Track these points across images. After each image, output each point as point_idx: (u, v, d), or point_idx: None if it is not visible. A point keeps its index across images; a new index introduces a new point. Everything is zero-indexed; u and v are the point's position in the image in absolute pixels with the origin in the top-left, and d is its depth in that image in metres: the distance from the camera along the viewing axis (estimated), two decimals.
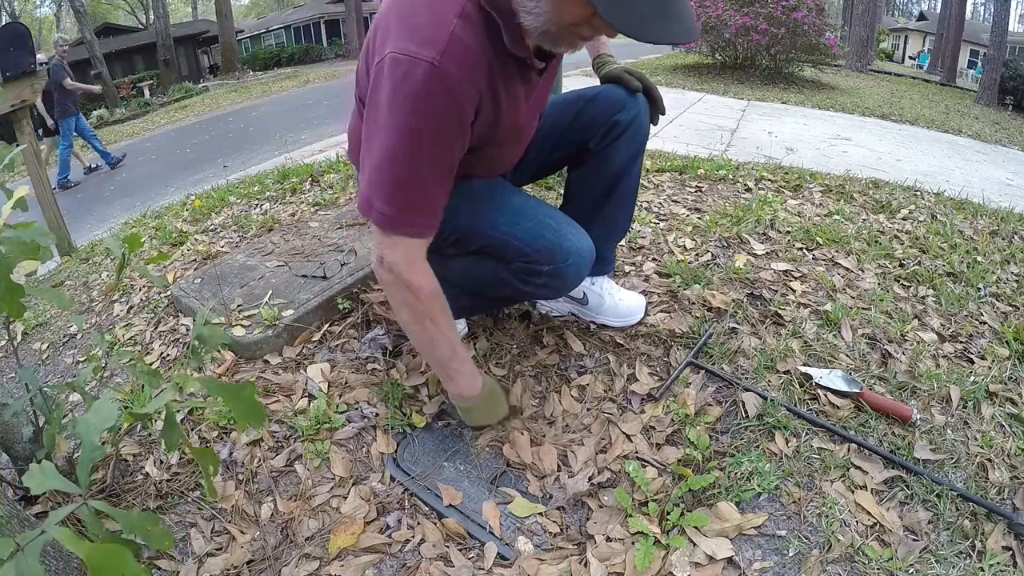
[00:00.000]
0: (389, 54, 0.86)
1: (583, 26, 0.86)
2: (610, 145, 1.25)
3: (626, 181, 1.30)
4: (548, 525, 1.04)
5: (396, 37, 0.87)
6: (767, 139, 4.43)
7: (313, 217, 2.10)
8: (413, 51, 0.84)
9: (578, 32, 0.88)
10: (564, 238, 1.12)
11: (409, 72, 0.84)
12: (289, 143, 5.73)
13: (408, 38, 0.85)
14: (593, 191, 1.32)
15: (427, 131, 0.89)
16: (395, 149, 0.90)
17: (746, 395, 1.24)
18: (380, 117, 0.90)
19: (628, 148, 1.26)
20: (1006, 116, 10.04)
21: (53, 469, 0.64)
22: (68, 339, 1.72)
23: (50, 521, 0.60)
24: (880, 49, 22.73)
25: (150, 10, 23.22)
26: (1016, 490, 1.05)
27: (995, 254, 1.91)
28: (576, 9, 0.83)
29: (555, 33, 0.88)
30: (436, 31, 0.85)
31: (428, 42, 0.84)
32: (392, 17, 0.89)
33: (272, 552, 1.00)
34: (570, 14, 0.84)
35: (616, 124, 1.23)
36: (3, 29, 2.64)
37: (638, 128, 1.25)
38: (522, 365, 1.38)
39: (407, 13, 0.88)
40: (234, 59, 19.11)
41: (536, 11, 0.85)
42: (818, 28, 8.51)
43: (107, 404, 0.74)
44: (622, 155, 1.26)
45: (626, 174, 1.29)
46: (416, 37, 0.85)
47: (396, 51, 0.85)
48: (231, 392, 0.79)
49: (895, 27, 32.45)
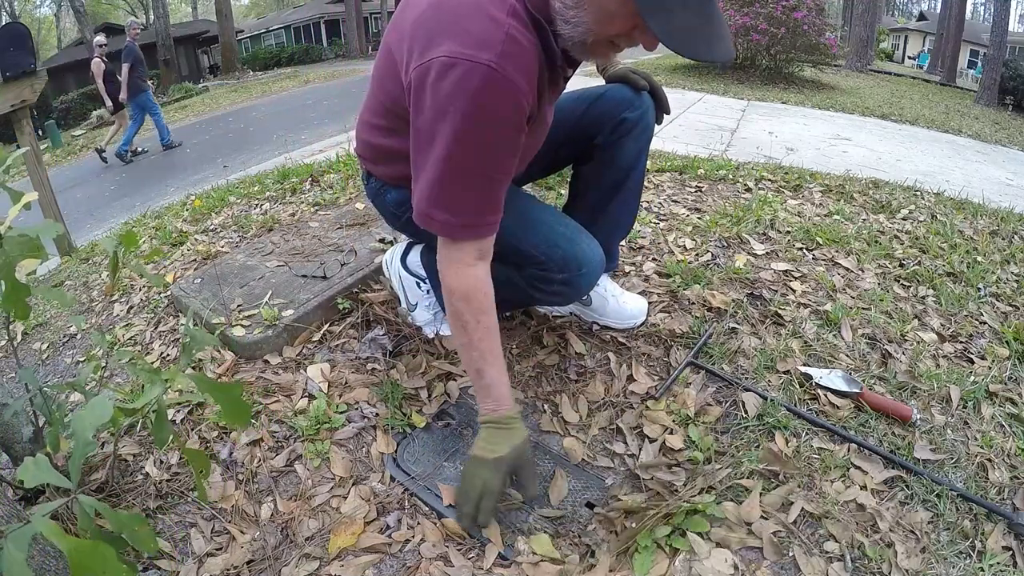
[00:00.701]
0: (438, 59, 0.83)
1: (621, 38, 0.86)
2: (617, 141, 1.26)
3: (633, 176, 1.31)
4: (549, 526, 1.04)
5: (443, 41, 0.83)
6: (767, 139, 4.43)
7: (313, 217, 2.10)
8: (468, 54, 0.81)
9: (615, 44, 0.88)
10: (578, 247, 1.13)
11: (466, 75, 0.81)
12: (289, 143, 5.73)
13: (459, 41, 0.82)
14: (600, 186, 1.33)
15: (489, 134, 0.87)
16: (456, 156, 0.87)
17: (746, 395, 1.24)
18: (433, 124, 0.87)
19: (635, 144, 1.26)
20: (1006, 116, 10.04)
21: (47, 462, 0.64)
22: (68, 339, 1.72)
23: (37, 513, 0.60)
24: (880, 49, 22.72)
25: (150, 10, 23.21)
26: (1016, 490, 1.05)
27: (995, 254, 1.91)
28: (620, 21, 0.82)
29: (591, 43, 0.87)
30: (490, 33, 0.83)
31: (483, 44, 0.82)
32: (431, 22, 0.86)
33: (272, 552, 1.00)
34: (613, 26, 0.84)
35: (624, 121, 1.24)
36: (3, 29, 2.63)
37: (646, 126, 1.26)
38: (522, 365, 1.38)
39: (451, 17, 0.85)
40: (234, 59, 19.11)
41: (575, 20, 0.85)
42: (818, 28, 8.52)
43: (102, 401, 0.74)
44: (630, 151, 1.27)
45: (633, 170, 1.29)
46: (468, 40, 0.82)
47: (448, 55, 0.82)
48: (219, 390, 0.78)
49: (895, 27, 32.45)
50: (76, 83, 18.64)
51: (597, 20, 0.84)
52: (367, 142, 1.18)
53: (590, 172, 1.34)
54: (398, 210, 1.22)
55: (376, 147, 1.16)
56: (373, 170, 1.21)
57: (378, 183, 1.22)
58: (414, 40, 0.88)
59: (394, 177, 1.18)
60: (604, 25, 0.84)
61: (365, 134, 1.17)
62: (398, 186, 1.19)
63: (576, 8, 0.84)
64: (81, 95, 17.31)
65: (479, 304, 0.99)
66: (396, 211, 1.23)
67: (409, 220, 1.23)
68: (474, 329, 0.99)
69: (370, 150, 1.18)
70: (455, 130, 0.85)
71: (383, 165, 1.18)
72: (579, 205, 1.39)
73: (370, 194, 1.27)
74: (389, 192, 1.21)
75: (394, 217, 1.26)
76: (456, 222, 0.94)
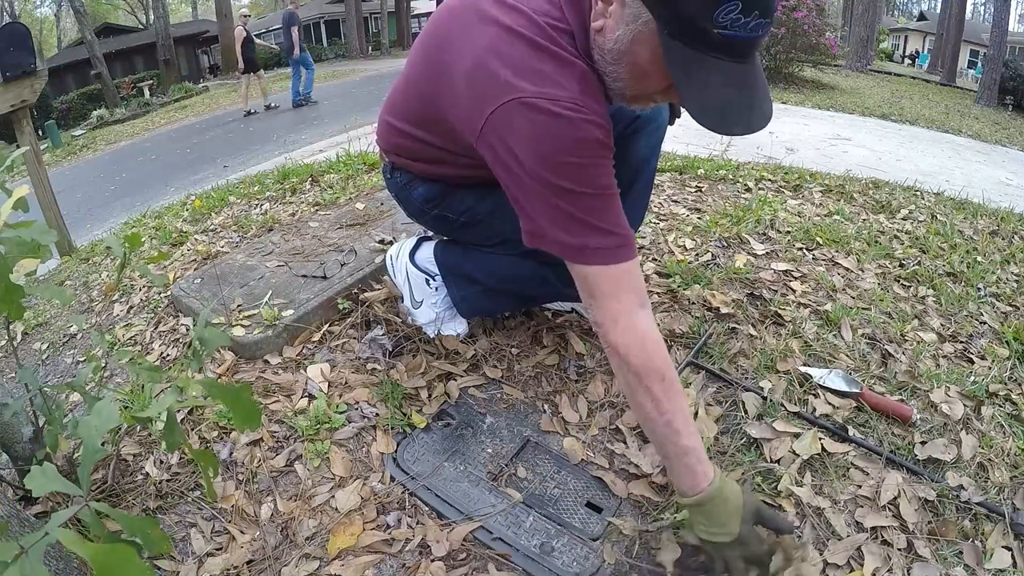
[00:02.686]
0: (516, 100, 0.82)
1: (658, 95, 0.88)
2: (631, 137, 1.25)
3: (645, 172, 1.30)
4: (550, 526, 1.04)
5: (518, 82, 0.82)
6: (767, 139, 4.42)
7: (313, 217, 2.10)
8: (550, 94, 0.81)
9: (652, 99, 0.90)
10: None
11: (554, 113, 0.81)
12: (289, 143, 5.73)
13: (535, 82, 0.82)
14: None
15: (588, 166, 0.85)
16: (578, 191, 0.85)
17: (746, 395, 1.24)
18: (539, 168, 0.84)
19: (648, 141, 1.26)
20: (1006, 116, 10.04)
21: (54, 471, 0.64)
22: (68, 339, 1.72)
23: (53, 523, 0.60)
24: (880, 49, 22.72)
25: (150, 10, 23.22)
26: (1016, 490, 1.05)
27: (995, 254, 1.91)
28: (653, 83, 0.84)
29: (631, 96, 0.89)
30: (565, 74, 0.83)
31: (561, 84, 0.82)
32: (499, 58, 0.85)
33: (272, 552, 1.00)
34: (648, 85, 0.85)
35: (637, 118, 1.23)
36: (3, 29, 2.63)
37: (660, 124, 1.27)
38: (522, 365, 1.38)
39: (521, 55, 0.84)
40: (234, 59, 19.09)
41: (614, 75, 0.86)
42: (818, 28, 8.53)
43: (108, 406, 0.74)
44: (643, 147, 1.26)
45: (645, 165, 1.29)
46: (545, 80, 0.82)
47: (527, 96, 0.82)
48: (230, 394, 0.79)
49: (895, 27, 32.45)
50: (76, 83, 18.65)
51: (633, 77, 0.84)
52: (398, 144, 1.17)
53: None
54: (426, 205, 1.22)
55: (408, 149, 1.15)
56: (401, 164, 1.21)
57: (406, 177, 1.22)
58: (479, 79, 0.87)
59: (428, 174, 1.18)
60: (640, 82, 0.85)
61: (394, 137, 1.16)
62: (428, 181, 1.18)
63: (615, 64, 0.84)
64: (81, 95, 17.32)
65: (660, 361, 0.86)
66: (423, 206, 1.23)
67: (437, 216, 1.24)
68: (663, 395, 0.85)
69: (400, 149, 1.17)
70: (559, 164, 0.84)
71: (415, 163, 1.18)
72: None
73: (393, 188, 1.26)
74: (417, 187, 1.21)
75: (419, 212, 1.26)
76: (610, 243, 0.87)
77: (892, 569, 0.92)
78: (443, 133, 1.03)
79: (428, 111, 1.03)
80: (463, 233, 1.27)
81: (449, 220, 1.23)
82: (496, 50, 0.86)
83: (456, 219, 1.21)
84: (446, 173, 1.16)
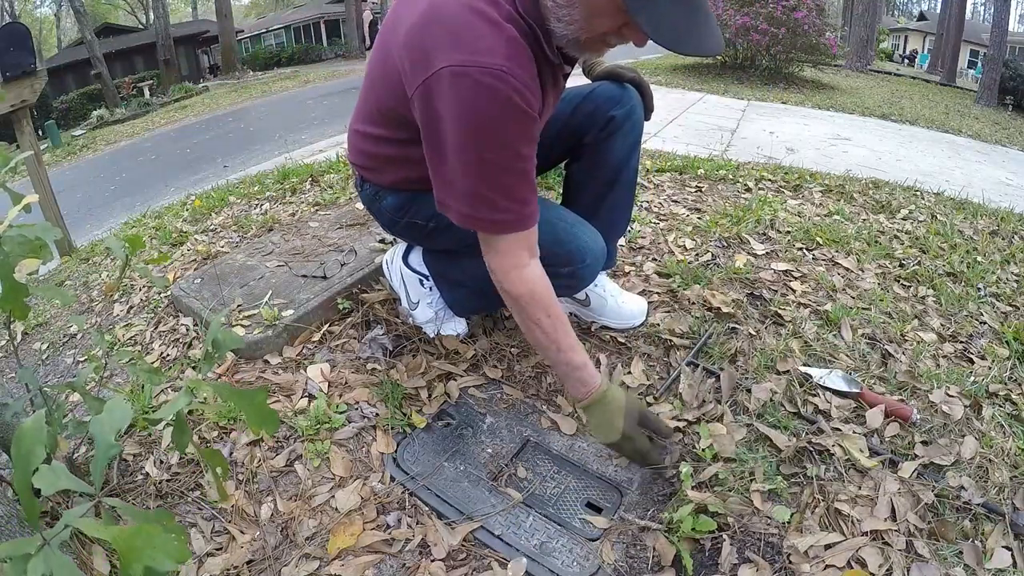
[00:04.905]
0: (447, 68, 0.83)
1: (612, 35, 0.88)
2: (607, 139, 1.26)
3: (625, 173, 1.31)
4: (550, 526, 1.04)
5: (447, 50, 0.84)
6: (767, 139, 4.43)
7: (313, 217, 2.10)
8: (479, 61, 0.82)
9: (606, 41, 0.90)
10: (579, 239, 1.14)
11: (479, 82, 0.83)
12: (289, 143, 5.73)
13: (464, 50, 0.83)
14: (594, 184, 1.33)
15: (512, 130, 0.88)
16: (488, 158, 0.89)
17: (746, 395, 1.24)
18: (456, 131, 0.87)
19: (625, 140, 1.27)
20: (1006, 116, 10.03)
21: (64, 469, 0.64)
22: (68, 339, 1.72)
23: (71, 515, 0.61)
24: (880, 49, 22.72)
25: (150, 10, 23.20)
26: (1016, 490, 1.05)
27: (995, 254, 1.91)
28: (608, 20, 0.84)
29: (584, 41, 0.89)
30: (494, 39, 0.84)
31: (489, 51, 0.83)
32: (429, 31, 0.86)
33: (272, 552, 1.00)
34: (602, 23, 0.85)
35: (612, 119, 1.25)
36: (3, 29, 2.63)
37: (635, 122, 1.27)
38: (522, 365, 1.38)
39: (450, 26, 0.85)
40: (234, 59, 19.09)
41: (567, 19, 0.86)
42: (818, 28, 8.51)
43: (121, 404, 0.75)
44: (620, 148, 1.27)
45: (625, 166, 1.30)
46: (474, 47, 0.83)
47: (455, 64, 0.83)
48: (244, 398, 0.78)
49: (895, 27, 32.44)
50: (76, 83, 18.65)
51: (587, 17, 0.85)
52: (361, 151, 1.18)
53: (583, 171, 1.34)
54: (395, 215, 1.22)
55: (371, 155, 1.16)
56: (368, 177, 1.22)
57: (373, 189, 1.22)
58: (414, 49, 0.88)
59: (391, 183, 1.18)
60: (594, 22, 0.86)
61: (359, 143, 1.18)
62: (395, 191, 1.19)
63: (568, 7, 0.85)
64: (81, 95, 17.33)
65: (545, 300, 1.00)
66: (394, 216, 1.23)
67: (407, 225, 1.24)
68: (551, 327, 1.01)
69: (365, 158, 1.18)
70: (480, 133, 0.87)
71: (379, 172, 1.18)
72: (575, 205, 1.39)
73: (365, 200, 1.27)
74: (385, 198, 1.21)
75: (391, 222, 1.26)
76: (504, 218, 0.94)
77: (892, 569, 0.92)
78: (394, 120, 1.03)
79: (381, 101, 1.04)
80: (435, 239, 1.27)
81: (419, 227, 1.22)
82: (426, 22, 0.87)
83: (425, 225, 1.21)
84: (409, 176, 1.15)
